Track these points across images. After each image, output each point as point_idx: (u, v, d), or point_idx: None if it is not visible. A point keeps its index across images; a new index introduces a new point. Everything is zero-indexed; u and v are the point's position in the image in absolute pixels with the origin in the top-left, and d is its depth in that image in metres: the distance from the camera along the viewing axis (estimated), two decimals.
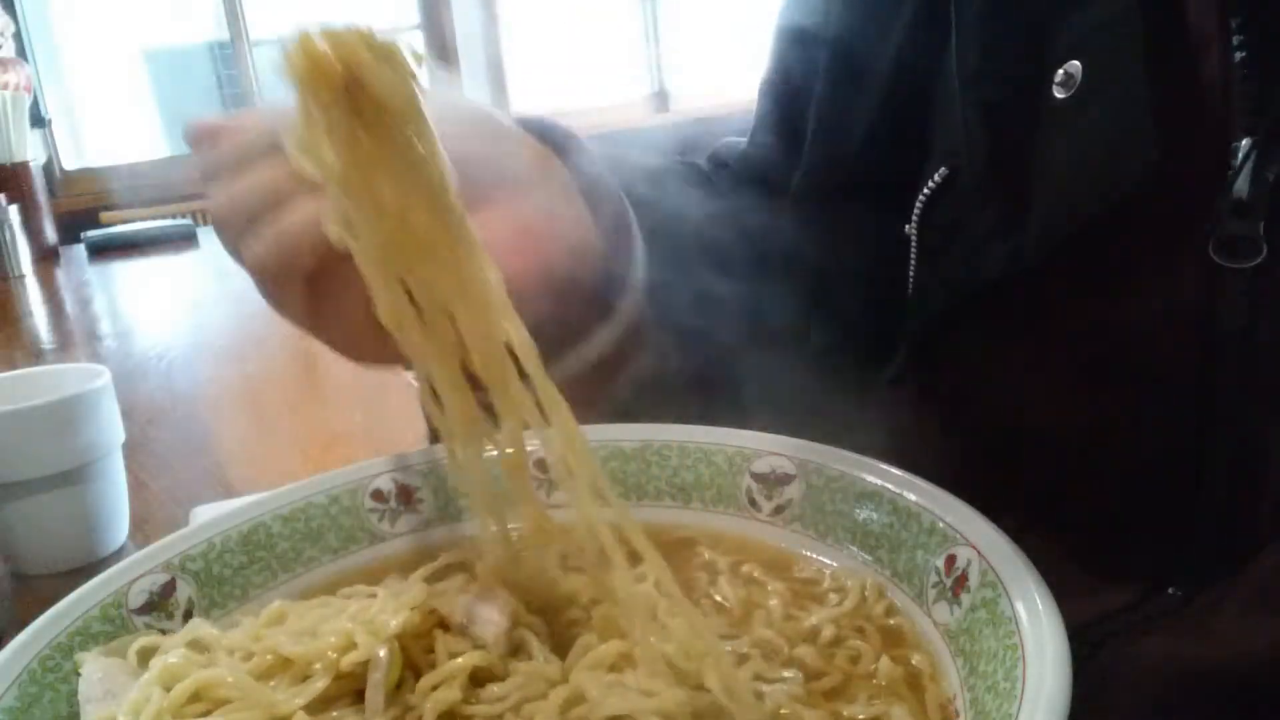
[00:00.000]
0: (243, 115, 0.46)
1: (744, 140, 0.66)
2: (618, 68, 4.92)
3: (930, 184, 0.50)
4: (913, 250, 0.51)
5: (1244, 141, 0.38)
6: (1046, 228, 0.44)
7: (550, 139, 0.52)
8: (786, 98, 0.61)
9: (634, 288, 0.53)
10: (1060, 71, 0.44)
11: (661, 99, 4.96)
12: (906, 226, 0.51)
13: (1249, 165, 0.38)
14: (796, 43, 0.61)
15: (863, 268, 0.55)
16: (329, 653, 0.35)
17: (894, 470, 0.41)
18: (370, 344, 0.44)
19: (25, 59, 3.35)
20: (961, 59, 0.48)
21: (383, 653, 0.35)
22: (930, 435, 0.51)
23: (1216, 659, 0.37)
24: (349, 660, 0.35)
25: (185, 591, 0.42)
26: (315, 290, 0.43)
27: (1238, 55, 0.39)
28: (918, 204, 0.51)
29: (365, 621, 0.36)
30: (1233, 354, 0.40)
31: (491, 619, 0.37)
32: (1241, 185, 0.38)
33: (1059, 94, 0.43)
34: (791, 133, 0.60)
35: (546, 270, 0.46)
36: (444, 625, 0.37)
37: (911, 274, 0.52)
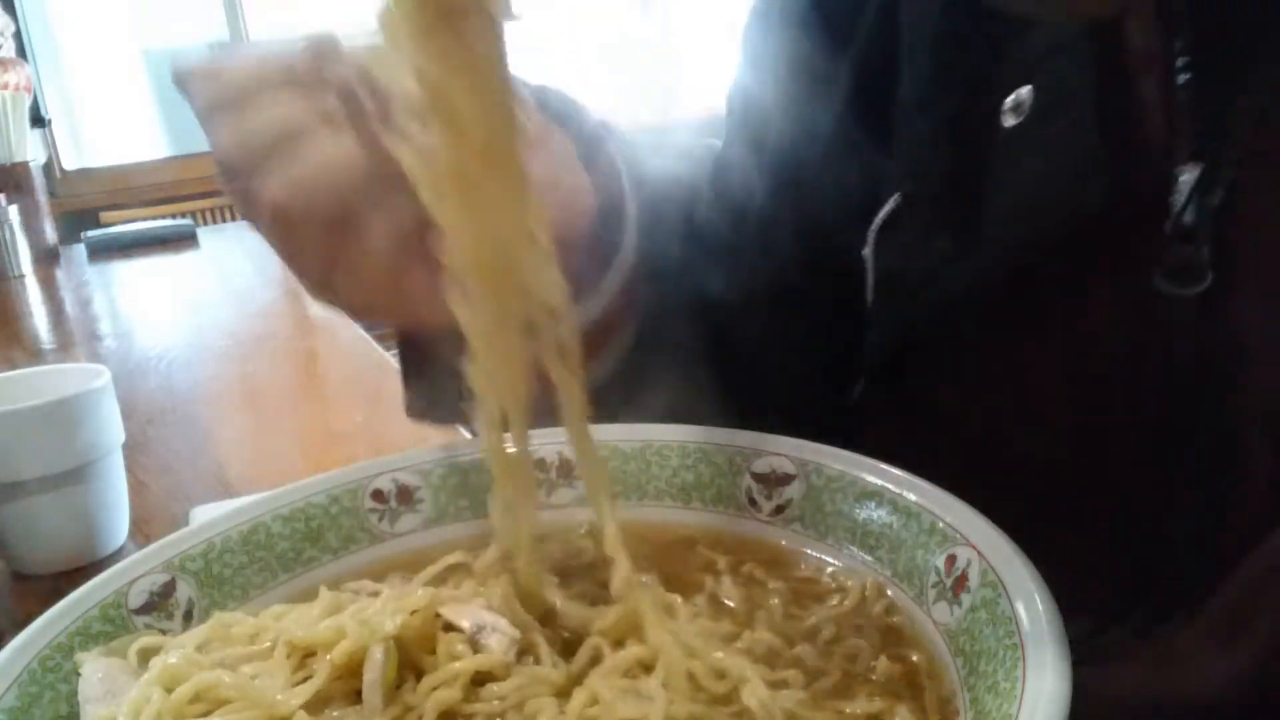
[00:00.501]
0: (235, 54, 0.44)
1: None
2: (617, 68, 4.91)
3: (884, 210, 0.50)
4: (869, 275, 0.51)
5: (1187, 167, 0.38)
6: (999, 255, 0.44)
7: (549, 106, 0.50)
8: (749, 114, 0.61)
9: (620, 269, 0.52)
10: (1010, 98, 0.44)
11: (661, 99, 4.95)
12: (865, 251, 0.51)
13: (1192, 191, 0.38)
14: (757, 65, 0.60)
15: (823, 291, 0.55)
16: (328, 643, 0.35)
17: (894, 470, 0.41)
18: (386, 299, 0.43)
19: (25, 59, 3.35)
20: (912, 85, 0.48)
21: (378, 653, 0.35)
22: (890, 456, 0.52)
23: (1180, 688, 0.36)
24: (340, 651, 0.35)
25: (185, 591, 0.42)
26: (333, 236, 0.41)
27: (1181, 78, 0.39)
28: (872, 229, 0.50)
29: (363, 621, 0.36)
30: (1186, 381, 0.39)
31: (500, 628, 0.37)
32: (1185, 211, 0.38)
33: (1010, 120, 0.43)
34: (756, 148, 0.60)
35: None
36: (449, 628, 0.37)
37: (870, 298, 0.52)
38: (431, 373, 0.52)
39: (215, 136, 0.42)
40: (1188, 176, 0.38)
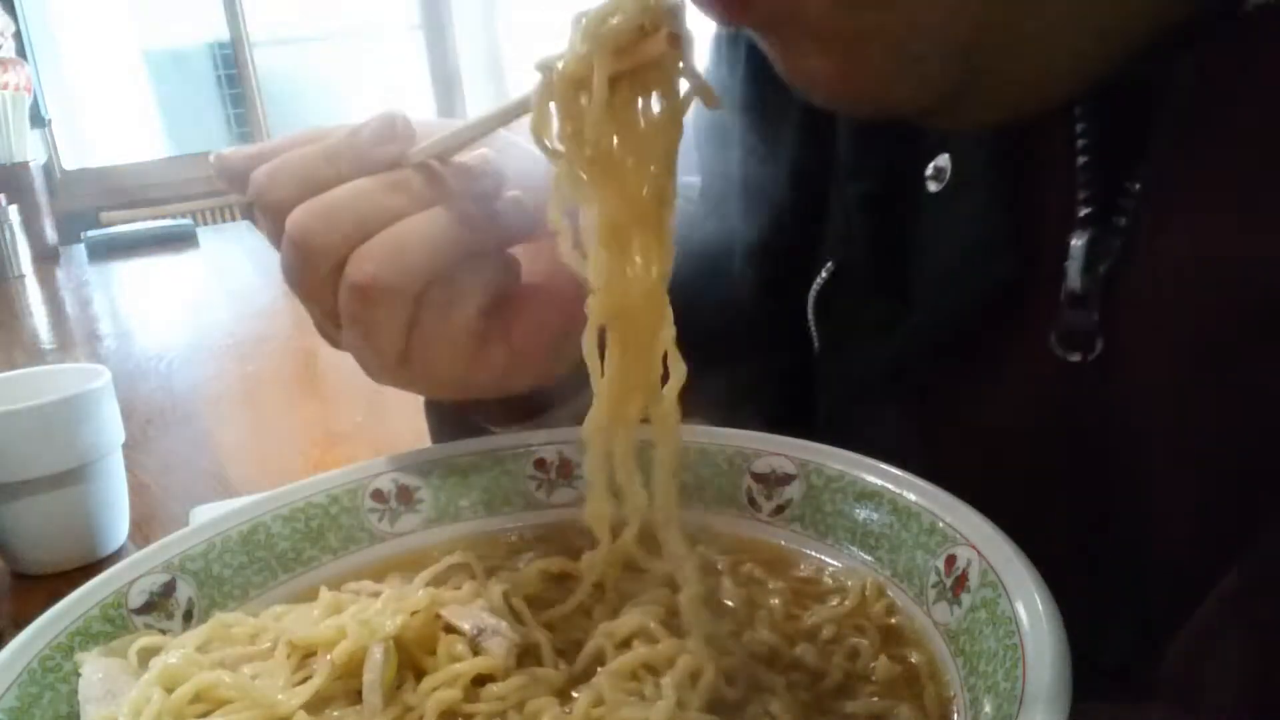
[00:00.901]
0: (281, 140, 0.44)
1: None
2: None
3: (820, 278, 0.50)
4: (814, 338, 0.52)
5: (1079, 233, 0.38)
6: (925, 325, 0.44)
7: None
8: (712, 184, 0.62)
9: None
10: (931, 165, 0.44)
11: None
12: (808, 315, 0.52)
13: (1081, 257, 0.38)
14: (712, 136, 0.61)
15: (778, 355, 0.56)
16: (328, 642, 0.35)
17: (894, 470, 0.41)
18: (461, 372, 0.44)
19: (25, 59, 3.35)
20: (842, 153, 0.48)
21: (378, 653, 0.35)
22: None
23: None
24: (340, 651, 0.35)
25: (185, 591, 0.42)
26: (416, 310, 0.42)
27: (1080, 143, 0.39)
28: (810, 297, 0.51)
29: (363, 621, 0.36)
30: (1094, 443, 0.39)
31: (501, 631, 0.37)
32: (1075, 277, 0.38)
33: (932, 187, 0.44)
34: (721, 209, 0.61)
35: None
36: (449, 630, 0.37)
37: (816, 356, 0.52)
38: (459, 433, 0.53)
39: (293, 221, 0.41)
40: (1079, 243, 0.38)
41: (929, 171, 0.44)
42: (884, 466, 0.42)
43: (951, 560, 0.36)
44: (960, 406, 0.44)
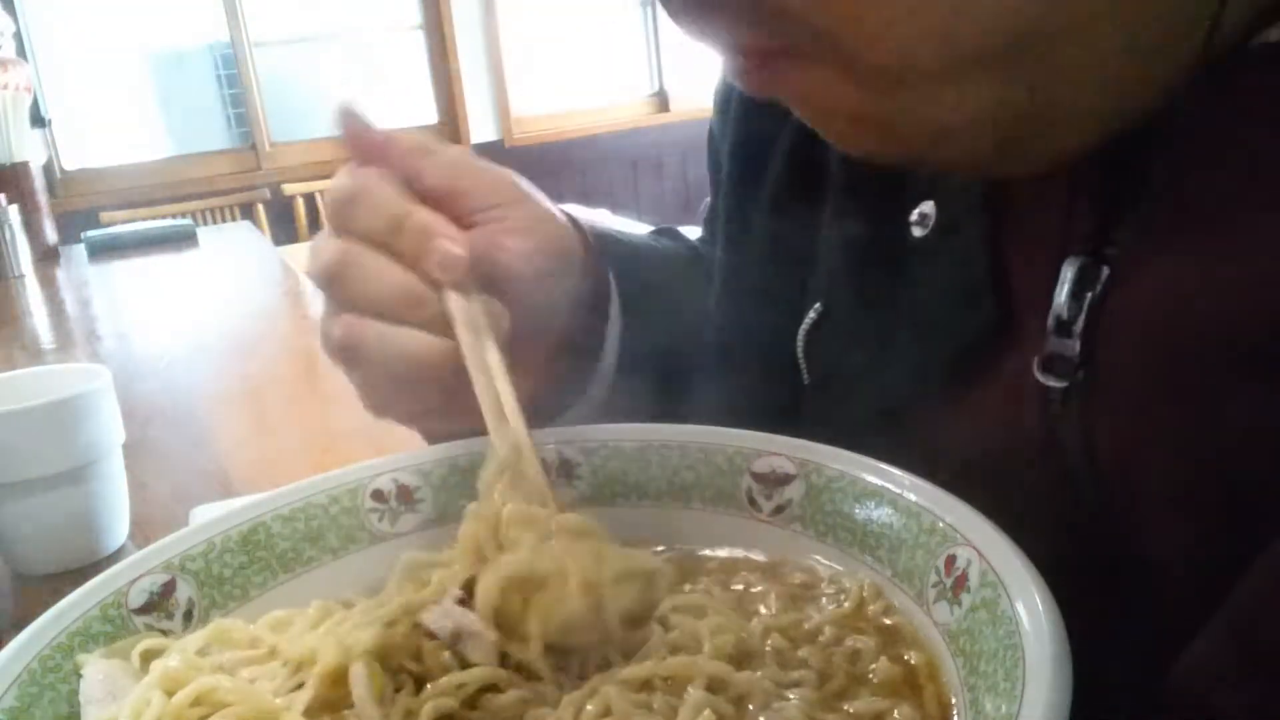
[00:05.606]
0: (403, 149, 0.46)
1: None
2: (618, 68, 4.91)
3: (806, 321, 0.50)
4: (805, 377, 0.52)
5: (1071, 260, 0.38)
6: (909, 369, 0.44)
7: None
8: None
9: (604, 375, 0.54)
10: (916, 211, 0.44)
11: (661, 99, 4.96)
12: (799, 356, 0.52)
13: (1070, 282, 0.37)
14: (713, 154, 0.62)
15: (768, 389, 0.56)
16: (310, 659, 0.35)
17: (894, 470, 0.41)
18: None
19: (25, 59, 3.35)
20: (830, 198, 0.49)
21: (361, 669, 0.34)
22: None
23: None
24: (322, 667, 0.34)
25: (185, 591, 0.42)
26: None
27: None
28: (798, 341, 0.51)
29: (338, 639, 0.36)
30: (1077, 471, 0.38)
31: (477, 632, 0.36)
32: (1062, 303, 0.38)
33: (917, 232, 0.44)
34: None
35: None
36: (430, 635, 0.37)
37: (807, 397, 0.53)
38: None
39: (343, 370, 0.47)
40: (1070, 269, 0.38)
41: (914, 217, 0.44)
42: (884, 467, 0.42)
43: (951, 560, 0.36)
44: (941, 435, 0.44)
